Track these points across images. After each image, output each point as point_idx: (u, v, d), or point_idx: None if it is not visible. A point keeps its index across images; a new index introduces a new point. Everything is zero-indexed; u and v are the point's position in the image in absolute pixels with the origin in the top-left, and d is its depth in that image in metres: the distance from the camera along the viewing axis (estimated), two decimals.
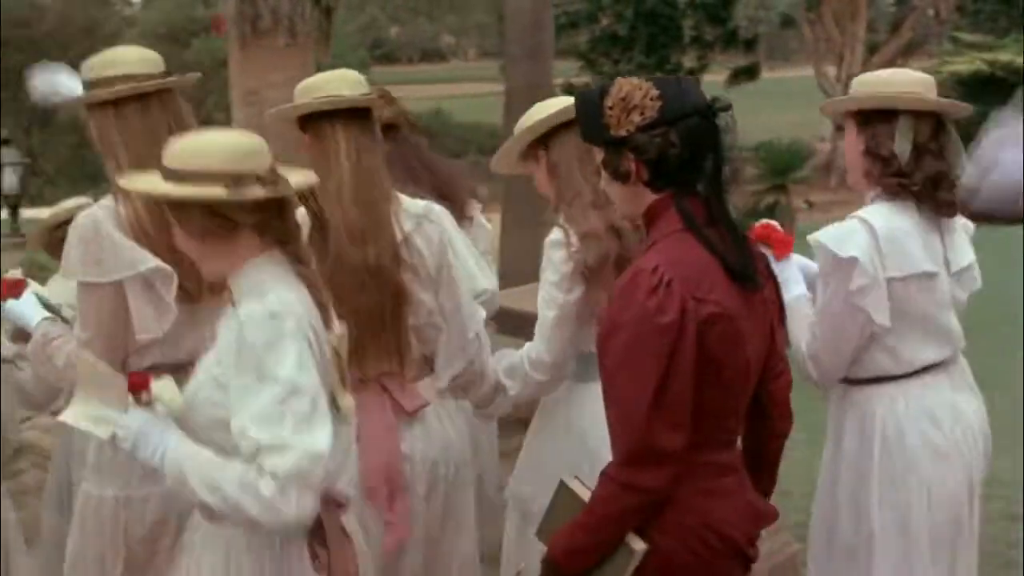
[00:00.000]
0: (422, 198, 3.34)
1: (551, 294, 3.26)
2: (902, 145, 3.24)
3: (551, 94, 4.36)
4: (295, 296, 2.45)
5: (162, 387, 2.58)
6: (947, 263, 3.35)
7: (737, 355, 2.46)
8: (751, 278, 2.49)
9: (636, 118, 2.43)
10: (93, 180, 35.16)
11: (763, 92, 29.63)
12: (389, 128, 3.82)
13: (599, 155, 2.55)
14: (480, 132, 31.60)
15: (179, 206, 2.44)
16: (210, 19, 38.63)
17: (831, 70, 28.09)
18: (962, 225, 3.44)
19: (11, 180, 8.57)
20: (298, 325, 2.38)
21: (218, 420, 2.40)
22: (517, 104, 12.16)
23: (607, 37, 29.18)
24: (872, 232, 3.22)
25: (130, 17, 43.68)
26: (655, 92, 2.44)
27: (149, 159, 2.66)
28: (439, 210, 3.31)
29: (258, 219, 2.44)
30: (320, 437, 2.33)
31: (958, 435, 3.36)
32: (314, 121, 3.19)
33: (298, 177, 2.53)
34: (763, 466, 2.72)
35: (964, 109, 3.35)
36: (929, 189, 3.26)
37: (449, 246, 3.24)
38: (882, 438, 3.33)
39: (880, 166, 3.29)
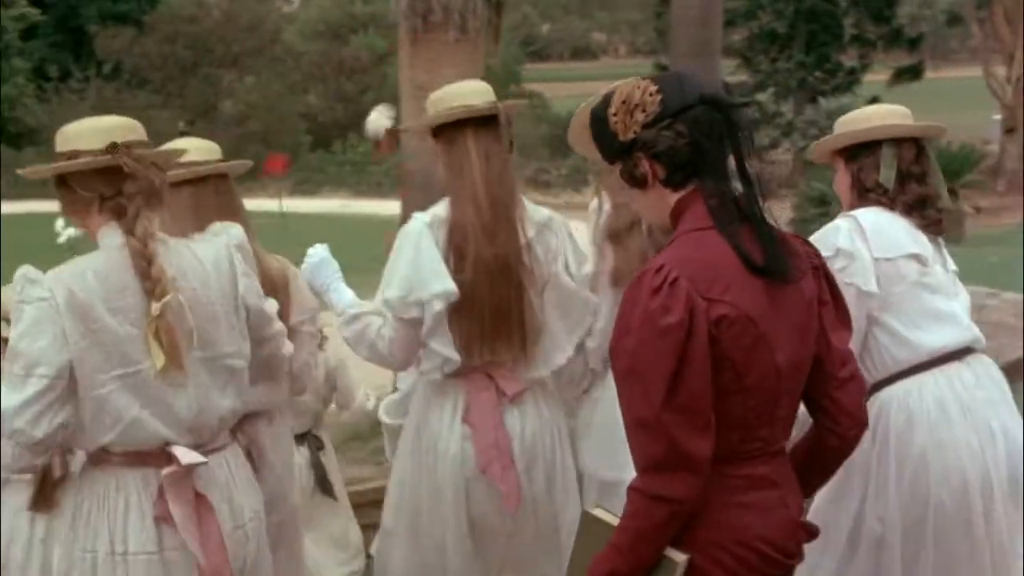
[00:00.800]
0: None
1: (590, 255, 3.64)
2: (887, 174, 3.42)
3: None
4: (88, 267, 2.73)
5: None
6: (944, 263, 3.52)
7: (761, 358, 2.37)
8: (777, 272, 2.38)
9: (640, 117, 2.42)
10: (250, 172, 35.89)
11: (927, 92, 28.79)
12: None
13: (618, 170, 2.53)
14: None
15: (55, 183, 2.86)
16: (368, 16, 39.26)
17: (1000, 71, 27.14)
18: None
19: None
20: (51, 295, 2.65)
21: None
22: None
23: (765, 34, 28.67)
24: (855, 222, 3.40)
25: (290, 15, 44.63)
26: (653, 88, 2.42)
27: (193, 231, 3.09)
28: (559, 220, 3.56)
29: (98, 194, 2.78)
30: (9, 400, 2.59)
31: (969, 432, 3.33)
32: (446, 130, 3.46)
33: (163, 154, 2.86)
34: (820, 473, 2.66)
35: (941, 130, 3.60)
36: (917, 209, 3.45)
37: (561, 256, 3.50)
38: (895, 434, 3.35)
39: (867, 196, 3.48)
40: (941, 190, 3.54)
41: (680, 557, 2.35)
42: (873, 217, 3.42)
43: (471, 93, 3.48)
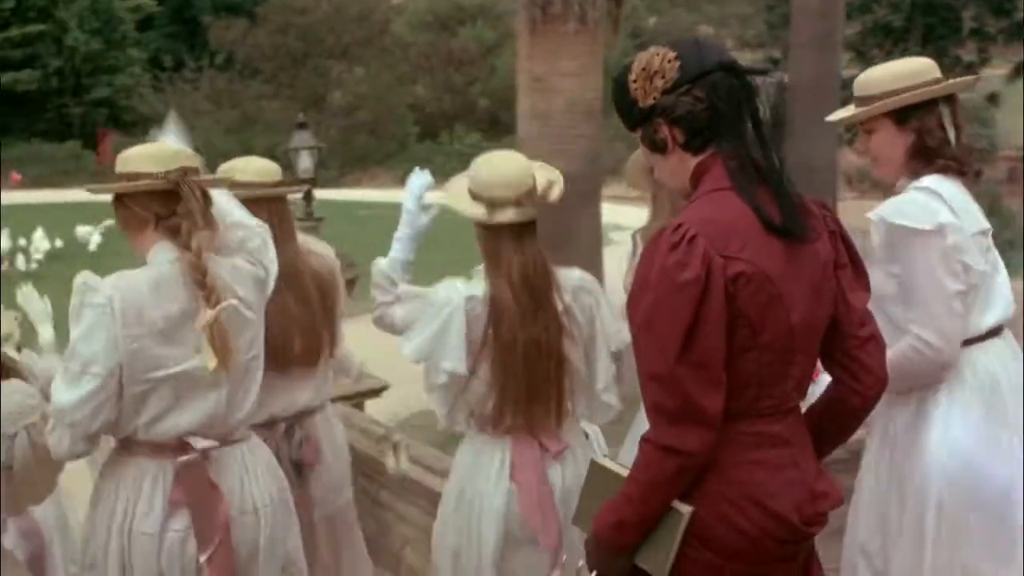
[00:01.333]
0: None
1: None
2: (950, 131, 3.36)
3: (837, 86, 4.26)
4: (142, 278, 2.99)
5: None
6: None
7: (776, 316, 2.37)
8: (794, 232, 2.40)
9: (659, 83, 2.44)
10: (362, 162, 36.56)
11: None
12: None
13: (639, 136, 2.55)
14: None
15: (113, 201, 3.09)
16: (477, 8, 39.38)
17: None
18: None
19: (306, 163, 8.78)
20: (107, 302, 2.91)
21: None
22: (803, 96, 11.79)
23: (880, 28, 28.21)
24: (941, 198, 3.26)
25: (399, 6, 44.94)
26: (672, 54, 2.44)
27: None
28: (590, 280, 3.61)
29: (154, 213, 3.02)
30: (67, 396, 2.91)
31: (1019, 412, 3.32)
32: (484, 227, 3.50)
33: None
34: (838, 432, 2.64)
35: (971, 82, 3.70)
36: (968, 162, 3.37)
37: (597, 312, 3.57)
38: (944, 413, 3.30)
39: (934, 155, 3.34)
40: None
41: (685, 509, 2.38)
42: (948, 188, 3.31)
43: (506, 187, 3.41)
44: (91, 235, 23.31)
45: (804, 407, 2.59)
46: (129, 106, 40.61)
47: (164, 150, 3.13)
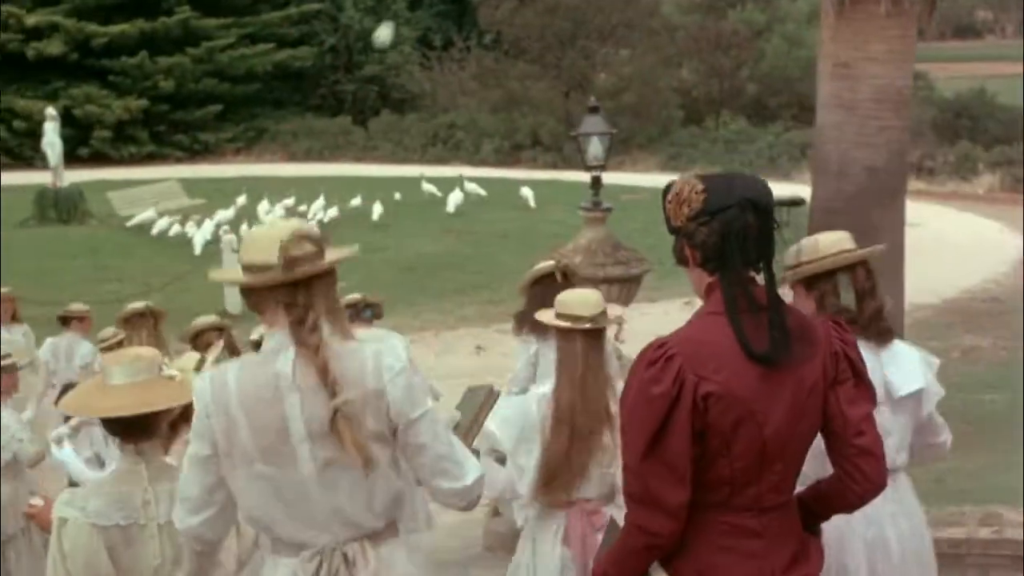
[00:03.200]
0: None
1: None
2: (846, 297, 3.88)
3: None
4: (233, 377, 3.00)
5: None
6: (888, 388, 3.86)
7: (748, 431, 2.70)
8: (774, 361, 2.70)
9: (685, 210, 2.81)
10: (625, 145, 35.95)
11: None
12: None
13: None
14: None
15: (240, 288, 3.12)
16: None
17: None
18: (923, 356, 4.05)
19: (597, 149, 8.26)
20: (199, 399, 3.01)
21: None
22: None
23: None
24: None
25: None
26: (700, 187, 2.80)
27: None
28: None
29: (279, 302, 2.99)
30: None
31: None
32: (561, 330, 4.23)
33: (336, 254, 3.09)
34: (824, 513, 2.98)
35: (881, 252, 4.20)
36: (874, 321, 3.87)
37: None
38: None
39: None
40: (886, 298, 4.01)
41: (661, 575, 2.81)
42: None
43: (583, 305, 4.21)
44: (374, 206, 24.47)
45: None
46: (398, 83, 41.39)
47: (279, 234, 3.02)
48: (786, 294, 3.52)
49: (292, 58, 40.84)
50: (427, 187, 27.35)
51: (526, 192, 26.78)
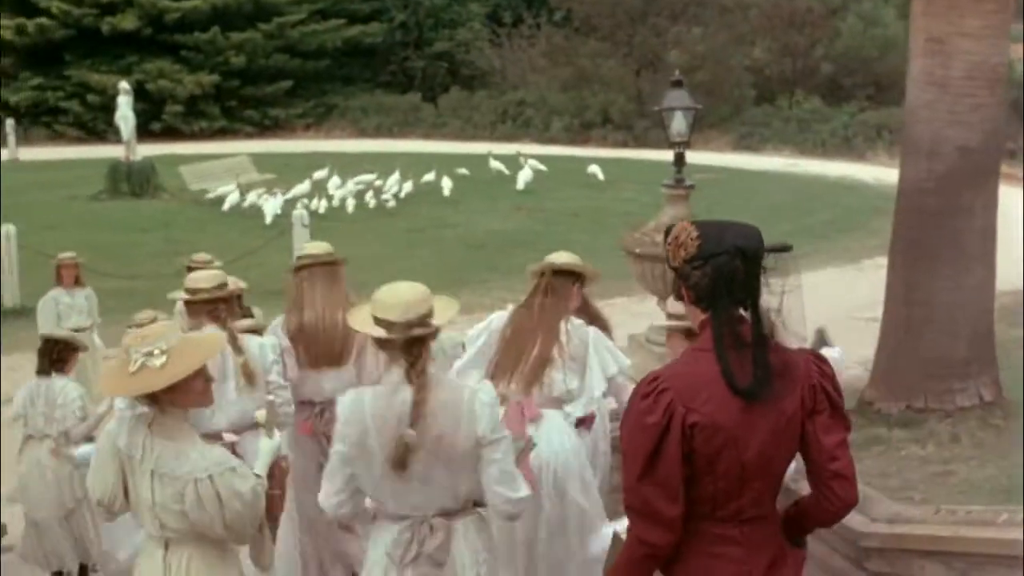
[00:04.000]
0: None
1: None
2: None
3: None
4: (368, 399, 3.99)
5: None
6: None
7: (729, 455, 3.07)
8: (755, 395, 3.05)
9: (681, 253, 3.15)
10: (696, 124, 35.32)
11: None
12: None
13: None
14: None
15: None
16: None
17: None
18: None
19: (680, 125, 8.03)
20: (342, 411, 4.01)
21: None
22: None
23: None
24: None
25: None
26: (695, 234, 3.14)
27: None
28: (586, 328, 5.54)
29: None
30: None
31: None
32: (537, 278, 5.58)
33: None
34: (802, 528, 3.35)
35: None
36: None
37: (592, 346, 5.43)
38: None
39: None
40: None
41: None
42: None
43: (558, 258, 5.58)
44: (443, 182, 24.78)
45: None
46: (468, 60, 41.22)
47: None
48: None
49: (362, 34, 40.82)
50: (495, 164, 27.23)
51: (594, 169, 26.54)
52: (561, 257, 5.54)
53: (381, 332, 3.91)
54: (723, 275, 3.08)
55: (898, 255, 9.34)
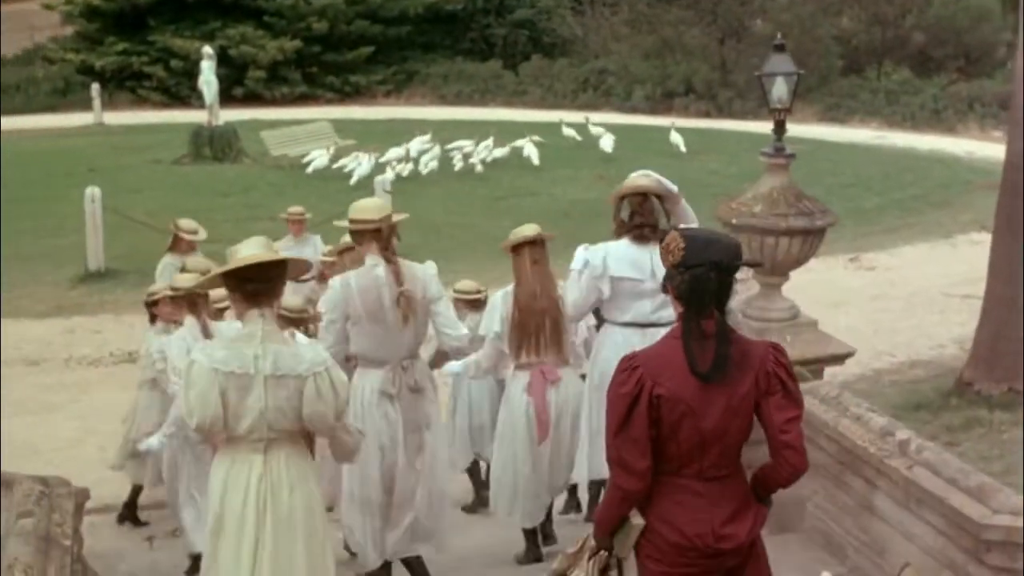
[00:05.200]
0: None
1: None
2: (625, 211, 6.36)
3: None
4: (353, 278, 6.01)
5: None
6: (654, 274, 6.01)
7: (689, 424, 3.84)
8: (712, 379, 3.83)
9: (669, 258, 3.92)
10: (802, 97, 34.76)
11: None
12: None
13: None
14: None
15: None
16: None
17: None
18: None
19: (781, 90, 7.76)
20: (333, 290, 6.06)
21: None
22: None
23: None
24: (607, 251, 6.37)
25: None
26: (682, 244, 3.88)
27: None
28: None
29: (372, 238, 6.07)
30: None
31: None
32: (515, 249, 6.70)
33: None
34: (764, 489, 4.03)
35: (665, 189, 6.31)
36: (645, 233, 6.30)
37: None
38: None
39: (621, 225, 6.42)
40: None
41: (638, 520, 3.94)
42: (615, 248, 6.39)
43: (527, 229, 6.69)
44: (530, 150, 24.66)
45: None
46: (549, 28, 40.86)
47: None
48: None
49: (444, 1, 40.61)
50: (567, 132, 26.99)
51: (676, 138, 26.16)
52: (528, 229, 6.63)
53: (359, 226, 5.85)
54: (699, 283, 3.82)
55: (1002, 232, 8.99)
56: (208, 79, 26.29)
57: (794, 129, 28.60)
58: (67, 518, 5.12)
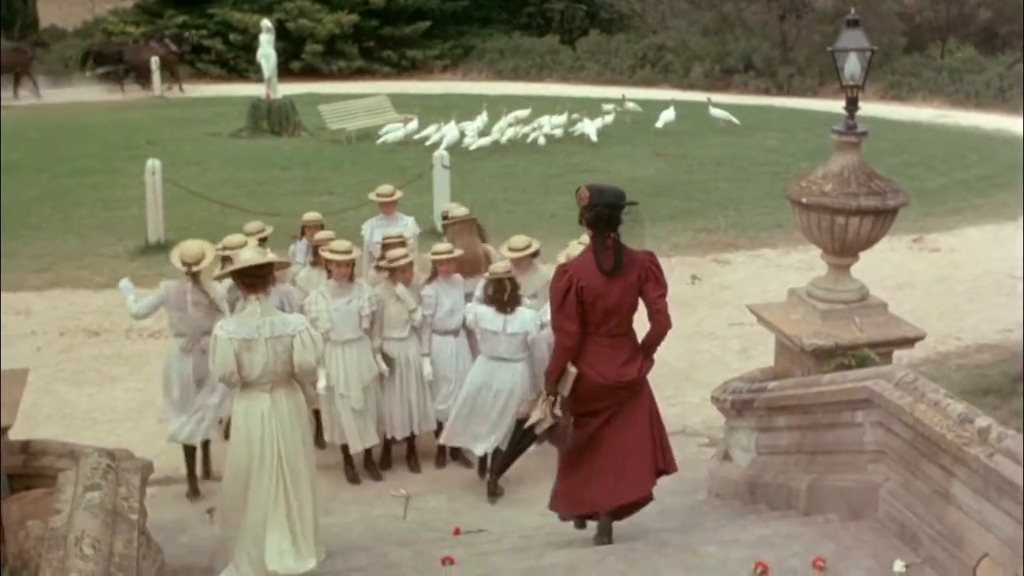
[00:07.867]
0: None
1: None
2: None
3: None
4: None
5: None
6: None
7: (599, 304, 6.20)
8: (613, 274, 6.19)
9: (580, 203, 6.25)
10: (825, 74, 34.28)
11: None
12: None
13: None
14: None
15: None
16: None
17: None
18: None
19: (853, 67, 7.61)
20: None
21: None
22: None
23: None
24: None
25: None
26: (587, 193, 6.23)
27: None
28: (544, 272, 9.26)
29: None
30: None
31: None
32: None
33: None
34: (648, 348, 6.46)
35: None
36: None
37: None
38: None
39: None
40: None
41: (573, 369, 6.29)
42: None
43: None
44: (588, 126, 24.64)
45: None
46: (607, 3, 40.54)
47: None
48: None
49: None
50: (630, 105, 26.88)
51: (718, 113, 26.48)
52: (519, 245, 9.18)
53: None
54: (600, 217, 6.20)
55: None
56: (266, 52, 26.30)
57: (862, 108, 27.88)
58: (133, 491, 5.11)
